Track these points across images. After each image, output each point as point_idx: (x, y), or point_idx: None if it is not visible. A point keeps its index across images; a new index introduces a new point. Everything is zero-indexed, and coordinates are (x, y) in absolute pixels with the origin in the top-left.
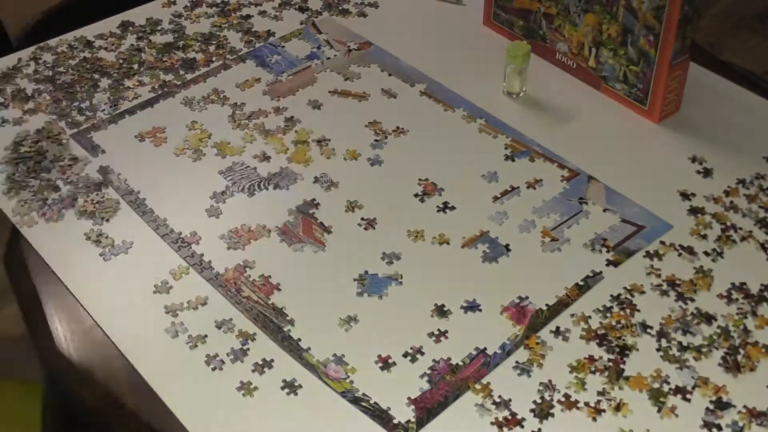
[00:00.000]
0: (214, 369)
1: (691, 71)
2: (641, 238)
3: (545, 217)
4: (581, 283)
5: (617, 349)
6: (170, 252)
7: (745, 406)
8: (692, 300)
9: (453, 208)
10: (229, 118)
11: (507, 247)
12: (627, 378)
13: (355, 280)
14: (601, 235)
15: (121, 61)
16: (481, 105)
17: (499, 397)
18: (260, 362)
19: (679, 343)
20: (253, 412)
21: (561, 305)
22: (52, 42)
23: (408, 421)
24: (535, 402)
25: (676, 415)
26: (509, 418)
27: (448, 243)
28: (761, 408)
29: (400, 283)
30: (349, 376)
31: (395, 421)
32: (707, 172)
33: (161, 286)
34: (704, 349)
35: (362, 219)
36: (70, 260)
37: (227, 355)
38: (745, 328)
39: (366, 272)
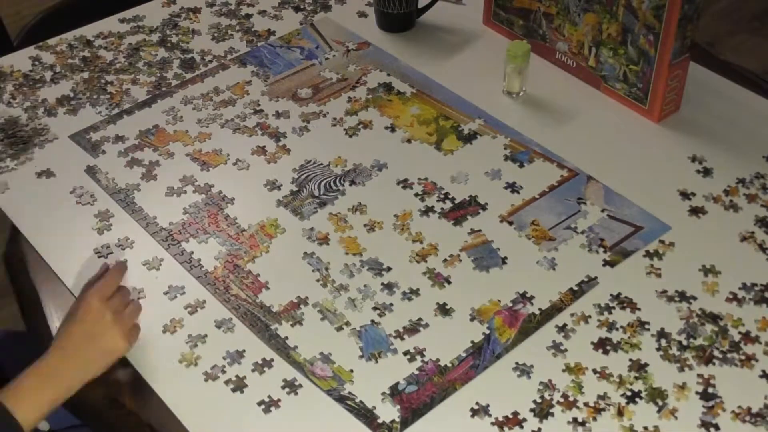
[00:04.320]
0: (214, 368)
1: (691, 71)
2: (639, 238)
3: (543, 217)
4: (575, 288)
5: (617, 349)
6: (160, 250)
7: (739, 406)
8: (694, 299)
9: (451, 209)
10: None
11: (504, 260)
12: (627, 378)
13: (342, 287)
14: (599, 236)
15: (120, 60)
16: (480, 105)
17: (499, 397)
18: (260, 362)
19: (679, 342)
20: (251, 411)
21: (554, 310)
22: (52, 41)
23: (392, 421)
24: (535, 402)
25: (675, 418)
26: (509, 417)
27: (436, 249)
28: (755, 408)
29: (395, 286)
30: (335, 375)
31: (380, 421)
32: (707, 172)
33: (156, 286)
34: (704, 349)
35: (367, 222)
36: (69, 260)
37: (227, 353)
38: (745, 328)
39: (360, 266)
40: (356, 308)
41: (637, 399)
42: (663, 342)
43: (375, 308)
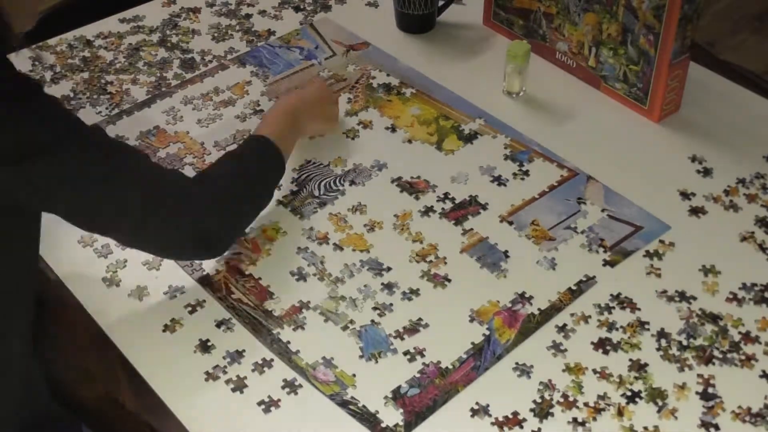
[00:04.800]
0: (215, 368)
1: (691, 71)
2: (639, 238)
3: (543, 217)
4: (574, 288)
5: (617, 349)
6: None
7: (739, 406)
8: (694, 299)
9: (451, 209)
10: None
11: (506, 253)
12: (627, 378)
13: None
14: (599, 236)
15: (120, 60)
16: (481, 104)
17: (500, 397)
18: (260, 362)
19: (679, 342)
20: (251, 411)
21: (554, 310)
22: (52, 41)
23: (396, 425)
24: (535, 402)
25: (675, 418)
26: (510, 417)
27: (437, 248)
28: (755, 408)
29: (395, 286)
30: (337, 379)
31: (383, 425)
32: (707, 172)
33: (156, 286)
34: (704, 349)
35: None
36: (69, 260)
37: (227, 353)
38: (745, 328)
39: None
40: (356, 308)
41: (637, 399)
42: (663, 342)
43: (375, 308)
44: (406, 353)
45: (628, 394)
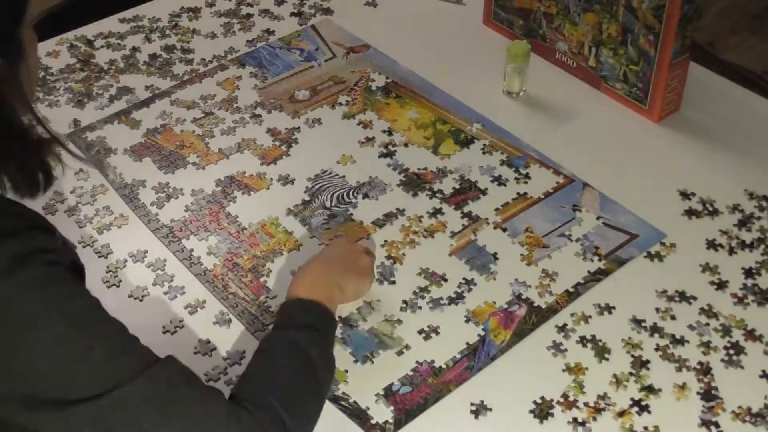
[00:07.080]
0: (215, 369)
1: (691, 71)
2: (633, 246)
3: (537, 224)
4: (571, 290)
5: (617, 349)
6: (160, 246)
7: (740, 406)
8: (694, 299)
9: (451, 194)
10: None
11: (495, 256)
12: (627, 377)
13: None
14: (593, 243)
15: (120, 60)
16: (480, 105)
17: (497, 398)
18: None
19: (679, 342)
20: None
21: (549, 311)
22: (52, 41)
23: (386, 422)
24: (534, 402)
25: (676, 418)
26: (509, 417)
27: (433, 236)
28: (755, 408)
29: (393, 282)
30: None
31: (373, 421)
32: (707, 172)
33: (156, 286)
34: (705, 348)
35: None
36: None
37: (227, 353)
38: (746, 328)
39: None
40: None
41: (637, 399)
42: (663, 342)
43: (374, 307)
44: (420, 332)
45: (628, 393)
